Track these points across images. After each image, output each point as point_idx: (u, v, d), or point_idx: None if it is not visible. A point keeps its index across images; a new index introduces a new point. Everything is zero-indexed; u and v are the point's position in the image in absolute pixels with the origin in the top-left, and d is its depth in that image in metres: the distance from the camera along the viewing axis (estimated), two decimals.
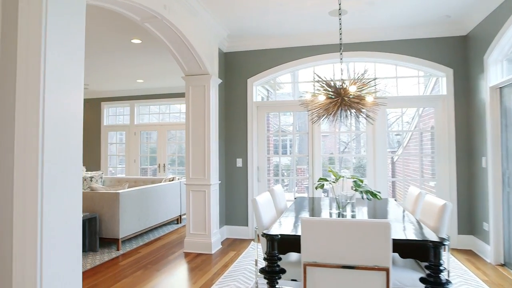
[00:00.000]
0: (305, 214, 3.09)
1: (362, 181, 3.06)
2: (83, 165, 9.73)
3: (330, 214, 3.00)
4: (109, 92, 9.44)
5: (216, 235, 4.78)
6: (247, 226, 5.33)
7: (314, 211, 3.26)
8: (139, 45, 5.37)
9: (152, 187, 5.48)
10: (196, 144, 4.69)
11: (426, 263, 2.05)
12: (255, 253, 4.40)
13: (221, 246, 4.90)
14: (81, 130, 2.14)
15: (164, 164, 9.08)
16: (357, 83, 2.91)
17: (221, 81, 5.06)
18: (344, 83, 3.01)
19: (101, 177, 7.36)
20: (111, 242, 4.84)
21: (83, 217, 4.40)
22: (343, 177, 3.06)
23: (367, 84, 2.95)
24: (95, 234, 4.61)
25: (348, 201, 2.93)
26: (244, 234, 5.33)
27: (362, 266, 1.85)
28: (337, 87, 2.97)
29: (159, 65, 6.58)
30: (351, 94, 2.89)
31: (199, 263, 4.21)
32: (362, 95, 2.94)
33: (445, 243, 1.99)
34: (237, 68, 5.46)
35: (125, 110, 9.65)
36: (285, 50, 5.29)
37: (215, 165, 4.78)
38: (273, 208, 3.19)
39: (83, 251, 4.60)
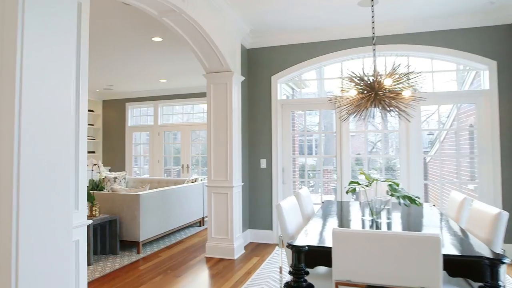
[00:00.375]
0: (334, 221, 2.82)
1: (398, 185, 2.76)
2: (107, 166, 9.79)
3: (363, 222, 2.72)
4: (133, 92, 9.44)
5: (239, 240, 4.57)
6: (271, 230, 5.09)
7: (344, 217, 2.98)
8: (160, 43, 5.24)
9: (173, 189, 5.34)
10: (218, 144, 4.49)
11: (481, 284, 1.75)
12: (280, 260, 4.16)
13: (244, 251, 4.69)
14: (71, 125, 1.92)
15: (187, 165, 8.99)
16: (393, 76, 2.61)
17: (244, 78, 4.85)
18: (378, 76, 2.72)
19: (125, 178, 7.32)
20: (132, 245, 4.73)
21: (103, 219, 4.29)
22: (377, 180, 2.77)
23: (404, 77, 2.65)
24: (116, 236, 4.50)
25: (383, 207, 2.64)
26: (268, 238, 5.09)
27: (406, 287, 1.58)
28: (371, 80, 2.68)
29: (181, 64, 6.45)
30: (386, 88, 2.60)
31: (221, 269, 4.01)
32: (398, 89, 2.64)
33: (505, 260, 1.68)
34: (260, 65, 5.23)
35: (149, 110, 9.63)
36: (311, 45, 5.02)
37: (237, 166, 4.58)
38: (299, 213, 2.94)
39: (104, 254, 4.50)
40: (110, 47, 5.42)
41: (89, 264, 4.07)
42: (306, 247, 1.98)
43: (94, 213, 4.28)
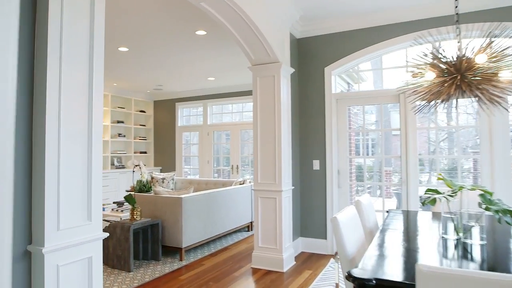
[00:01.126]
0: (406, 239, 2.24)
1: (491, 194, 2.12)
2: (158, 166, 9.80)
3: (445, 242, 2.12)
4: (182, 92, 9.35)
5: (288, 250, 4.09)
6: (325, 239, 4.55)
7: (419, 235, 2.39)
8: (204, 37, 4.93)
9: (219, 191, 5.01)
10: (265, 143, 4.06)
11: None
12: (336, 275, 3.63)
13: (295, 262, 4.21)
14: (12, 114, 1.57)
15: (237, 166, 8.69)
16: (487, 52, 1.99)
17: (293, 70, 4.37)
18: (464, 55, 2.11)
19: (173, 179, 7.17)
20: (174, 250, 4.46)
21: (144, 223, 4.06)
22: (463, 188, 2.15)
23: (501, 53, 2.01)
24: (158, 241, 4.25)
25: (474, 224, 2.02)
26: (322, 248, 4.56)
27: None
28: (454, 60, 2.08)
29: (228, 60, 6.11)
30: (477, 68, 1.99)
31: (268, 283, 3.57)
32: (494, 70, 2.01)
33: None
34: (311, 56, 4.72)
35: (198, 110, 9.49)
36: (369, 31, 4.41)
37: (287, 168, 4.11)
38: (360, 226, 2.41)
39: (146, 259, 4.27)
40: (155, 45, 5.23)
41: (129, 270, 3.84)
42: (373, 282, 1.47)
43: (135, 217, 4.05)
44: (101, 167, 1.81)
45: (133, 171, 4.07)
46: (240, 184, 5.92)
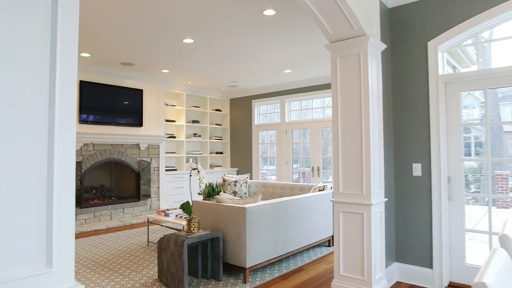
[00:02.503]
0: None
1: None
2: (234, 167, 9.35)
3: None
4: (258, 88, 8.75)
5: (380, 282, 3.12)
6: (431, 268, 3.45)
7: None
8: (273, 18, 4.18)
9: (292, 200, 4.20)
10: (348, 143, 3.15)
11: None
12: None
13: None
14: None
15: (318, 167, 7.78)
16: None
17: (385, 47, 3.37)
18: None
19: (246, 182, 6.57)
20: (238, 269, 3.78)
21: (201, 237, 3.45)
22: None
23: None
24: (218, 258, 3.61)
25: None
26: (426, 279, 3.46)
27: None
28: None
29: (303, 47, 5.26)
30: None
31: None
32: None
33: None
34: (409, 28, 3.64)
35: (275, 107, 8.79)
36: None
37: (378, 174, 3.14)
38: None
39: (205, 278, 3.67)
40: (220, 31, 4.64)
41: None
42: None
43: (192, 229, 3.47)
44: (73, 175, 1.15)
45: (190, 175, 3.49)
46: (320, 190, 5.04)
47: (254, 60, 6.09)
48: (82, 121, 6.27)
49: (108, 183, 6.91)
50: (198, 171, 3.57)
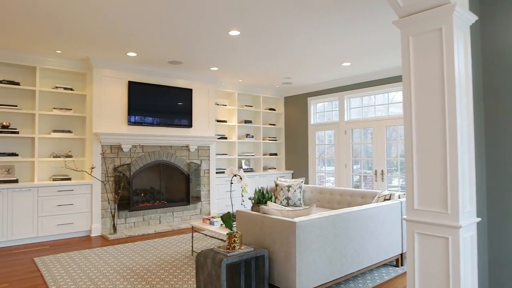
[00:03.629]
0: None
1: None
2: (289, 170, 8.78)
3: None
4: (315, 85, 8.10)
5: None
6: None
7: None
8: (329, 3, 3.56)
9: (352, 213, 3.54)
10: (425, 145, 2.44)
11: None
12: None
13: None
14: None
15: (382, 171, 6.94)
16: None
17: (476, 19, 2.60)
18: None
19: (300, 187, 5.99)
20: None
21: (244, 254, 2.95)
22: None
23: None
24: (263, 279, 3.09)
25: None
26: None
27: None
28: None
29: (363, 35, 4.54)
30: None
31: None
32: None
33: None
34: None
35: (333, 105, 8.07)
36: None
37: (468, 187, 2.39)
38: None
39: None
40: (267, 19, 4.12)
41: None
42: None
43: (233, 246, 2.99)
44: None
45: (231, 183, 3.01)
46: (385, 199, 4.30)
47: (309, 53, 5.48)
48: (130, 122, 6.13)
49: (157, 186, 6.73)
50: (241, 178, 3.08)
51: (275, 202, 5.98)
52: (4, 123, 5.39)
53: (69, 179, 5.78)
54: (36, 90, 5.59)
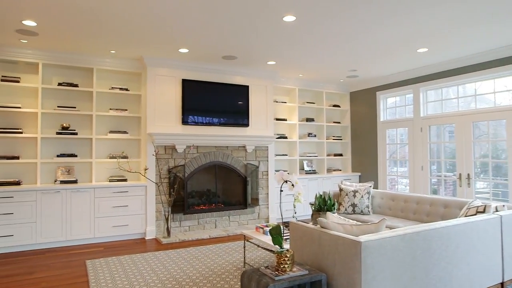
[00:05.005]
0: None
1: None
2: (356, 172, 7.98)
3: None
4: (384, 77, 7.23)
5: None
6: None
7: None
8: None
9: (436, 230, 2.80)
10: None
11: None
12: None
13: None
14: None
15: (468, 174, 5.91)
16: None
17: None
18: None
19: (369, 192, 5.25)
20: None
21: (296, 278, 2.41)
22: None
23: None
24: None
25: None
26: None
27: None
28: None
29: (448, 5, 3.71)
30: None
31: None
32: None
33: None
34: None
35: (406, 99, 7.13)
36: None
37: None
38: None
39: None
40: (331, 5, 3.53)
41: None
42: None
43: (282, 266, 2.47)
44: None
45: (281, 190, 2.49)
46: (478, 212, 3.44)
47: (376, 39, 4.74)
48: (185, 122, 5.90)
49: (213, 188, 6.44)
50: (293, 185, 2.54)
51: (339, 209, 5.32)
52: (64, 125, 5.47)
53: (125, 180, 5.72)
54: (93, 91, 5.60)
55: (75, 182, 5.40)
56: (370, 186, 5.34)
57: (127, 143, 6.05)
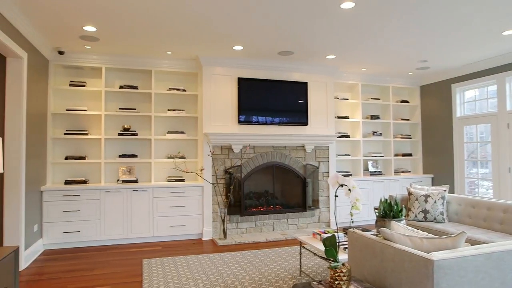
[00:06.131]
0: None
1: None
2: (428, 173, 7.23)
3: None
4: (460, 68, 6.44)
5: None
6: None
7: None
8: None
9: None
10: None
11: None
12: None
13: None
14: None
15: None
16: None
17: None
18: None
19: (443, 197, 4.65)
20: None
21: None
22: None
23: None
24: None
25: None
26: None
27: None
28: None
29: None
30: None
31: None
32: None
33: None
34: None
35: (488, 91, 6.26)
36: None
37: None
38: None
39: None
40: None
41: None
42: None
43: (338, 283, 2.15)
44: None
45: (335, 196, 2.18)
46: None
47: (452, 21, 4.14)
48: (241, 122, 5.77)
49: (270, 189, 6.23)
50: (349, 190, 2.22)
51: (407, 215, 4.78)
52: (125, 126, 5.64)
53: (182, 180, 5.74)
54: (152, 92, 5.71)
55: (135, 181, 5.54)
56: (445, 190, 4.72)
57: (184, 143, 6.09)
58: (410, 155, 7.46)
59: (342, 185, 2.28)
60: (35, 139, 4.68)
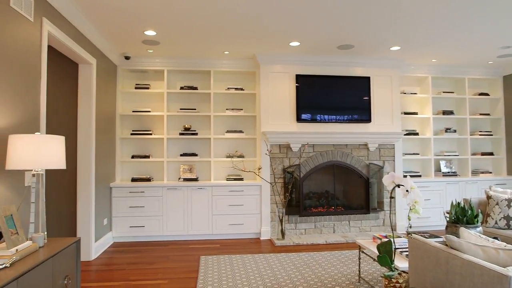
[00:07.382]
0: None
1: None
2: (511, 175, 6.41)
3: None
4: None
5: None
6: None
7: None
8: None
9: None
10: None
11: None
12: None
13: None
14: None
15: None
16: None
17: None
18: None
19: None
20: None
21: None
22: None
23: None
24: None
25: None
26: None
27: None
28: None
29: None
30: None
31: None
32: None
33: None
34: None
35: None
36: None
37: None
38: None
39: None
40: None
41: None
42: None
43: None
44: None
45: (391, 197, 1.97)
46: None
47: None
48: (300, 120, 5.62)
49: (331, 190, 5.98)
50: (407, 191, 1.99)
51: (485, 221, 4.26)
52: (186, 126, 5.82)
53: (241, 179, 5.77)
54: (211, 92, 5.82)
55: (196, 180, 5.69)
56: None
57: (243, 142, 6.11)
58: (491, 154, 6.68)
59: (398, 186, 2.05)
60: (105, 139, 5.02)
